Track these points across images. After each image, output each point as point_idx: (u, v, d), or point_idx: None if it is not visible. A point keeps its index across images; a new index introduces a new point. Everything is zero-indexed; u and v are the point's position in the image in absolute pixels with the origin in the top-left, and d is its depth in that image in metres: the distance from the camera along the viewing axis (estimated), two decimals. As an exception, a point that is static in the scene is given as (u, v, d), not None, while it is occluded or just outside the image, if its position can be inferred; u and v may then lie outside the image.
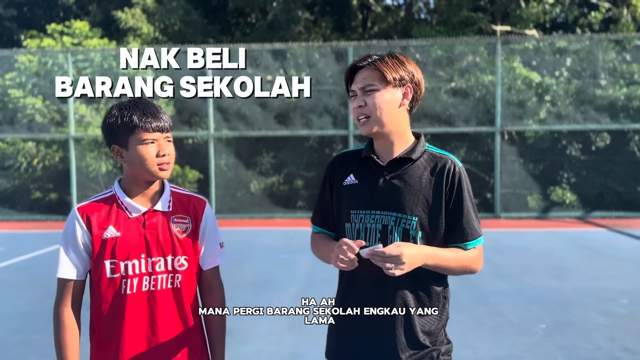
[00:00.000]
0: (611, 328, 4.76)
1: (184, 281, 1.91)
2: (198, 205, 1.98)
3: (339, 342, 1.94)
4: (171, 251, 1.89)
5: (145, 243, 1.86)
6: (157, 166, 1.85)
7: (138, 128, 1.83)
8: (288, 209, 12.95)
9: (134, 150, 1.84)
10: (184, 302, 1.91)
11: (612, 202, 12.34)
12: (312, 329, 4.61)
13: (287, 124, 12.93)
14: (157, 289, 1.87)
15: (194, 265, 1.95)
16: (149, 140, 1.84)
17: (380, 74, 1.83)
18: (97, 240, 1.85)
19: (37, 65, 13.35)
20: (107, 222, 1.86)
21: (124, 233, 1.86)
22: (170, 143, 1.91)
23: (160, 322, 1.87)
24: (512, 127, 12.34)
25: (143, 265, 1.86)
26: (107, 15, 16.67)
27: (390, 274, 1.70)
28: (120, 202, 1.89)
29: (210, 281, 2.01)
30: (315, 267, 6.69)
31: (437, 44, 12.77)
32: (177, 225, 1.91)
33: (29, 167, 13.36)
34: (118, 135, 1.86)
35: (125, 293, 1.85)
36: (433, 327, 1.87)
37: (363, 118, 1.86)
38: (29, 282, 6.65)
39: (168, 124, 1.90)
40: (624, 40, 12.79)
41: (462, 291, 5.76)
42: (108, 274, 1.85)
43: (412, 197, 1.85)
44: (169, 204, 1.93)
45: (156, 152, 1.85)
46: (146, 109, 1.86)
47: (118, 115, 1.86)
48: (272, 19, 16.27)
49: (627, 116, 12.36)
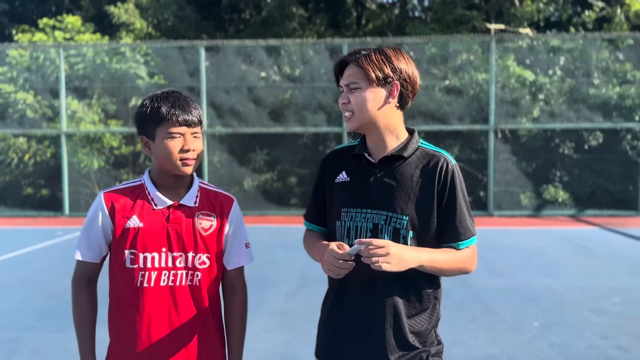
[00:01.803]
0: (604, 326, 4.77)
1: (204, 279, 1.87)
2: (225, 203, 1.94)
3: (328, 343, 1.92)
4: (193, 247, 1.85)
5: (167, 237, 1.83)
6: (180, 161, 1.82)
7: (165, 120, 1.80)
8: (282, 206, 12.93)
9: (160, 143, 1.81)
10: (203, 301, 1.87)
11: (605, 201, 12.40)
12: (304, 327, 4.59)
13: (281, 121, 12.89)
14: (177, 285, 1.84)
15: (215, 264, 1.91)
16: (175, 134, 1.81)
17: (364, 73, 1.80)
18: (118, 229, 1.83)
19: (28, 60, 13.22)
20: (132, 211, 1.84)
21: (146, 224, 1.83)
22: (198, 139, 1.86)
23: (178, 320, 1.84)
24: (505, 125, 12.37)
25: (163, 259, 1.83)
26: (100, 10, 16.55)
27: (377, 268, 1.67)
28: (147, 192, 1.87)
29: (233, 282, 1.98)
30: (309, 264, 6.67)
31: (431, 42, 12.77)
32: (202, 222, 1.88)
33: (20, 162, 13.25)
34: (146, 125, 1.84)
35: (142, 286, 1.82)
36: (423, 328, 1.84)
37: (348, 114, 1.85)
38: (20, 278, 6.59)
39: (197, 118, 1.85)
40: (618, 39, 12.84)
41: (455, 289, 5.76)
42: (127, 263, 1.82)
43: (403, 196, 1.81)
44: (195, 199, 1.89)
45: (181, 146, 1.81)
46: (176, 101, 1.83)
47: (149, 106, 1.83)
48: (266, 15, 16.21)
49: (619, 115, 12.42)
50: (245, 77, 13.11)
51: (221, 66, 12.90)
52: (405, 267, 1.71)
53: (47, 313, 5.13)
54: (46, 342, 4.46)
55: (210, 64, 12.84)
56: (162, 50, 13.06)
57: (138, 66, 12.99)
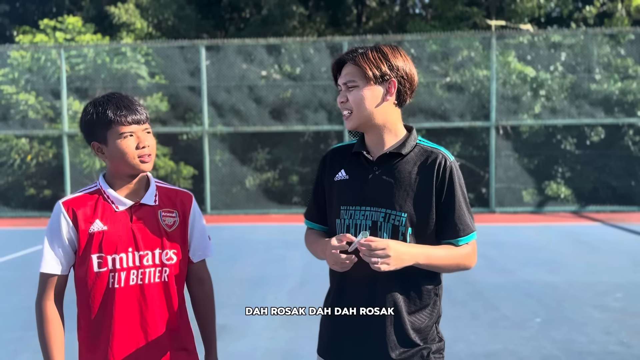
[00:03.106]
0: (606, 322, 4.77)
1: (172, 275, 1.91)
2: (185, 200, 1.99)
3: (330, 340, 1.93)
4: (159, 244, 1.89)
5: (133, 236, 1.86)
6: (138, 159, 1.83)
7: (114, 122, 1.80)
8: (283, 204, 12.94)
9: (113, 145, 1.82)
10: (171, 296, 1.91)
11: (607, 196, 12.38)
12: (307, 325, 4.61)
13: (282, 120, 12.89)
14: (146, 283, 1.86)
15: (182, 259, 1.95)
16: (126, 134, 1.82)
17: (361, 71, 1.81)
18: (83, 235, 1.83)
19: (29, 61, 13.25)
20: (94, 216, 1.85)
21: (111, 227, 1.84)
22: (150, 135, 1.88)
23: (149, 316, 1.87)
24: (507, 121, 12.36)
25: (131, 259, 1.85)
26: (100, 11, 16.56)
27: (376, 269, 1.68)
28: (107, 195, 1.88)
29: (200, 273, 2.03)
30: (311, 263, 6.68)
31: (431, 39, 12.75)
32: (165, 219, 1.91)
33: (23, 163, 13.29)
34: (96, 131, 1.84)
35: (113, 287, 1.83)
36: (424, 325, 1.85)
37: (346, 113, 1.87)
38: (23, 279, 6.62)
39: (145, 115, 1.87)
40: (619, 34, 12.80)
41: (457, 286, 5.76)
42: (95, 268, 1.83)
43: (401, 193, 1.82)
44: (155, 198, 1.92)
45: (135, 144, 1.83)
46: (120, 102, 1.83)
47: (93, 112, 1.84)
48: (266, 13, 16.20)
49: (621, 110, 12.39)
50: (246, 76, 13.11)
51: (222, 65, 12.91)
52: (403, 265, 1.72)
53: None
54: (50, 342, 4.48)
55: (210, 63, 12.85)
56: (163, 50, 13.07)
57: (139, 66, 13.01)
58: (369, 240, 1.68)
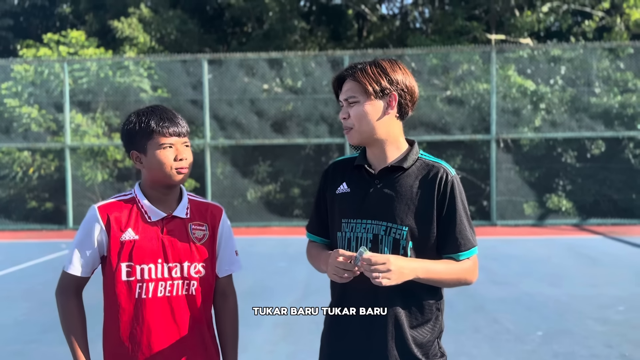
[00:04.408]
0: (608, 335, 4.76)
1: (199, 288, 1.91)
2: (216, 213, 2.00)
3: (332, 354, 1.93)
4: (188, 257, 1.90)
5: (162, 248, 1.87)
6: (175, 170, 1.86)
7: (156, 133, 1.85)
8: (284, 217, 12.94)
9: (152, 155, 1.86)
10: (198, 309, 1.91)
11: (608, 209, 12.38)
12: (308, 338, 4.60)
13: (284, 133, 12.95)
14: (173, 295, 1.87)
15: (210, 273, 1.95)
16: (166, 145, 1.85)
17: (361, 86, 1.83)
18: (114, 242, 1.85)
19: (33, 75, 13.35)
20: (127, 224, 1.87)
21: (142, 236, 1.86)
22: (188, 148, 1.92)
23: (176, 328, 1.87)
24: (507, 135, 12.40)
25: (159, 271, 1.86)
26: (104, 25, 16.71)
27: (377, 284, 1.68)
28: (140, 205, 1.90)
29: (225, 288, 2.02)
30: (312, 276, 6.68)
31: (432, 53, 12.84)
32: (195, 232, 1.93)
33: (25, 176, 13.33)
34: (136, 140, 1.88)
35: (141, 297, 1.85)
36: (425, 340, 1.84)
37: (348, 128, 1.87)
38: (25, 291, 6.62)
39: (185, 129, 1.91)
40: (618, 48, 12.90)
41: (458, 299, 5.76)
42: (123, 276, 1.85)
43: (402, 207, 1.82)
44: (187, 211, 1.94)
45: (174, 156, 1.86)
46: (163, 114, 1.88)
47: (136, 121, 1.88)
48: (268, 28, 16.34)
49: (621, 124, 12.44)
50: (248, 89, 13.20)
51: (224, 79, 13.00)
52: (404, 280, 1.73)
53: (51, 326, 5.14)
54: (50, 355, 4.47)
55: (213, 77, 12.94)
56: (166, 64, 13.17)
57: (141, 80, 13.10)
58: (369, 256, 1.69)
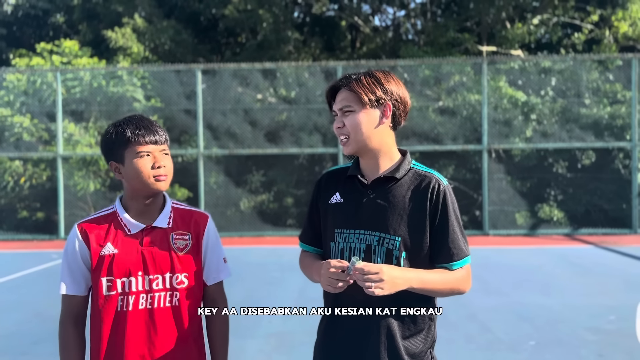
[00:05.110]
0: (600, 344, 4.79)
1: (183, 299, 1.90)
2: (200, 221, 1.98)
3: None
4: (170, 268, 1.88)
5: (142, 260, 1.86)
6: (153, 178, 1.85)
7: (132, 142, 1.84)
8: (278, 227, 12.93)
9: (130, 164, 1.85)
10: (183, 321, 1.89)
11: (599, 219, 12.47)
12: (301, 349, 4.59)
13: (277, 142, 12.98)
14: (155, 307, 1.86)
15: (195, 283, 1.93)
16: (143, 153, 1.85)
17: (356, 96, 1.84)
18: (95, 257, 1.86)
19: (25, 84, 13.32)
20: (106, 239, 1.87)
21: (121, 250, 1.86)
22: (167, 156, 1.91)
23: (158, 342, 1.86)
24: (499, 145, 12.49)
25: (140, 283, 1.85)
26: (97, 35, 16.72)
27: (370, 293, 1.69)
28: (120, 219, 1.90)
29: (214, 296, 2.01)
30: (306, 286, 6.67)
31: (424, 64, 12.96)
32: (177, 242, 1.91)
33: (16, 186, 13.25)
34: (114, 150, 1.88)
35: (122, 310, 1.84)
36: (418, 350, 1.85)
37: (343, 138, 1.88)
38: (16, 302, 6.56)
39: (164, 137, 1.91)
40: (607, 60, 13.07)
41: (451, 308, 5.77)
42: (105, 291, 1.85)
43: (395, 217, 1.83)
44: (169, 220, 1.93)
45: (151, 164, 1.86)
46: (140, 122, 1.88)
47: (113, 131, 1.88)
48: (262, 38, 16.42)
49: (611, 134, 12.57)
50: (242, 99, 13.23)
51: (217, 89, 13.03)
52: (397, 290, 1.73)
53: (42, 337, 5.09)
54: (42, 366, 4.43)
55: (206, 87, 12.97)
56: (159, 74, 13.18)
57: (135, 89, 13.10)
58: (362, 266, 1.70)
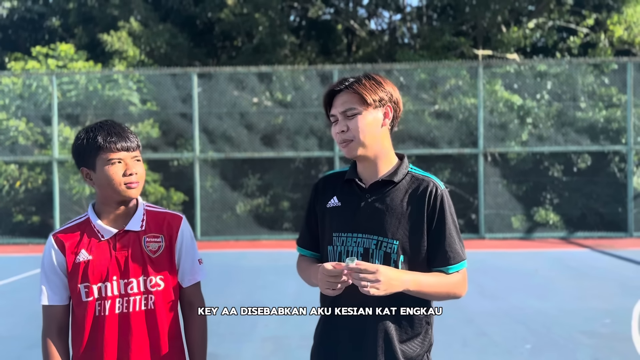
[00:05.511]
0: (595, 348, 4.79)
1: (159, 302, 1.89)
2: (173, 222, 1.96)
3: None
4: (143, 271, 1.87)
5: (117, 265, 1.86)
6: (124, 185, 1.84)
7: (103, 148, 1.83)
8: (274, 230, 12.91)
9: (101, 171, 1.84)
10: (159, 324, 1.88)
11: (595, 223, 12.51)
12: (297, 353, 4.57)
13: (273, 146, 12.98)
14: (131, 311, 1.86)
15: (170, 285, 1.92)
16: (114, 160, 1.83)
17: (360, 97, 1.84)
18: (70, 265, 1.86)
19: (21, 88, 13.28)
20: (80, 246, 1.87)
21: (95, 256, 1.86)
22: (139, 163, 1.89)
23: (134, 345, 1.85)
24: (494, 148, 12.53)
25: (116, 287, 1.85)
26: (93, 38, 16.69)
27: (365, 292, 1.69)
28: (93, 225, 1.90)
29: (191, 298, 2.00)
30: (302, 289, 6.65)
31: (420, 68, 12.99)
32: (149, 245, 1.90)
33: (11, 189, 13.19)
34: (85, 157, 1.86)
35: (99, 315, 1.84)
36: (415, 354, 1.85)
37: (347, 142, 1.86)
38: (11, 306, 6.52)
39: (135, 143, 1.88)
40: (602, 64, 13.13)
41: (447, 312, 5.74)
42: (83, 297, 1.85)
43: (393, 220, 1.84)
44: (142, 223, 1.92)
45: (123, 171, 1.84)
46: (111, 129, 1.86)
47: (84, 138, 1.86)
48: (258, 42, 16.43)
49: (606, 138, 12.62)
50: (238, 103, 13.23)
51: (213, 92, 13.02)
52: (392, 291, 1.73)
53: (37, 342, 5.05)
54: (36, 371, 4.41)
55: (202, 91, 12.96)
56: (155, 77, 13.17)
57: (131, 93, 13.08)
58: (359, 264, 1.70)
